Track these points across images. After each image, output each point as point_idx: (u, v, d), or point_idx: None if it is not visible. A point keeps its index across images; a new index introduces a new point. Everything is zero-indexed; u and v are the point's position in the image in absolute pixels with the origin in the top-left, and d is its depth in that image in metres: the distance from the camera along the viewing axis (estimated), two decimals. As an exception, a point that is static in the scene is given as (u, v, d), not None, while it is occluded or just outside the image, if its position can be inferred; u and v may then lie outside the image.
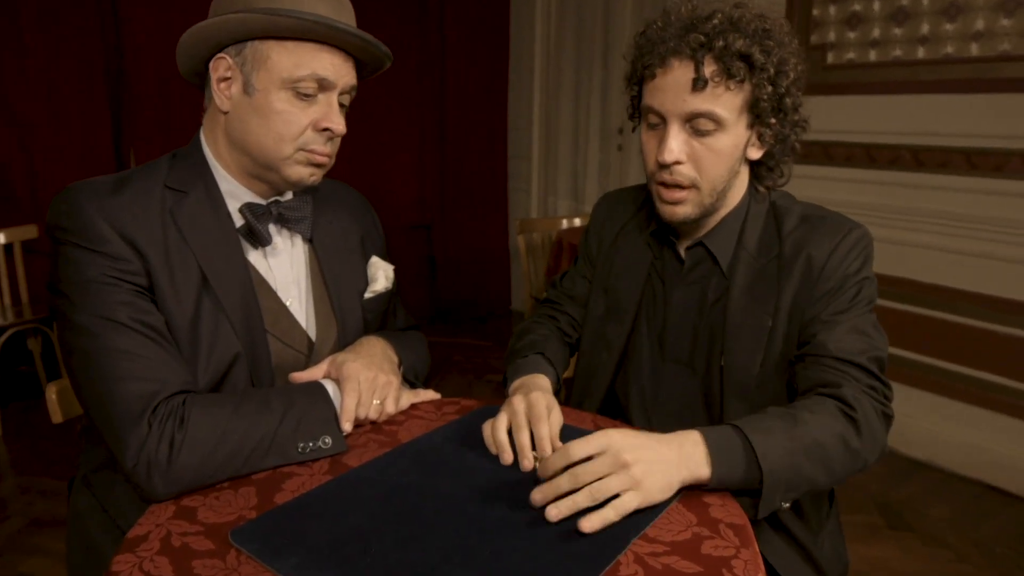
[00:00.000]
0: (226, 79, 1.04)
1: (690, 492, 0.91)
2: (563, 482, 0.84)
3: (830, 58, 2.95)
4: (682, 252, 1.18)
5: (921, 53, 2.70)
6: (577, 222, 3.67)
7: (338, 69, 1.04)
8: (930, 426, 2.73)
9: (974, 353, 2.63)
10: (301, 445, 0.98)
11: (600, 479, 0.83)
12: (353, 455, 1.01)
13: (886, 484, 2.59)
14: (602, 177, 4.18)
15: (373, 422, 1.11)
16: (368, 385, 1.08)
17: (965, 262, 2.63)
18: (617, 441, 0.85)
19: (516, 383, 1.14)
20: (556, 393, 1.16)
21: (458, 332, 4.29)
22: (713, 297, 1.15)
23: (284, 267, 1.13)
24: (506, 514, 0.85)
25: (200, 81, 1.10)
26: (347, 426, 1.03)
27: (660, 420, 1.21)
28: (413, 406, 1.18)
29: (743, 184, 1.15)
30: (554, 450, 0.93)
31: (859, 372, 1.02)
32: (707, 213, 1.12)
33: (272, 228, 1.11)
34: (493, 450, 1.00)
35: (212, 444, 0.91)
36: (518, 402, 1.02)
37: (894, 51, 2.77)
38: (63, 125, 3.38)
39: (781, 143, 1.10)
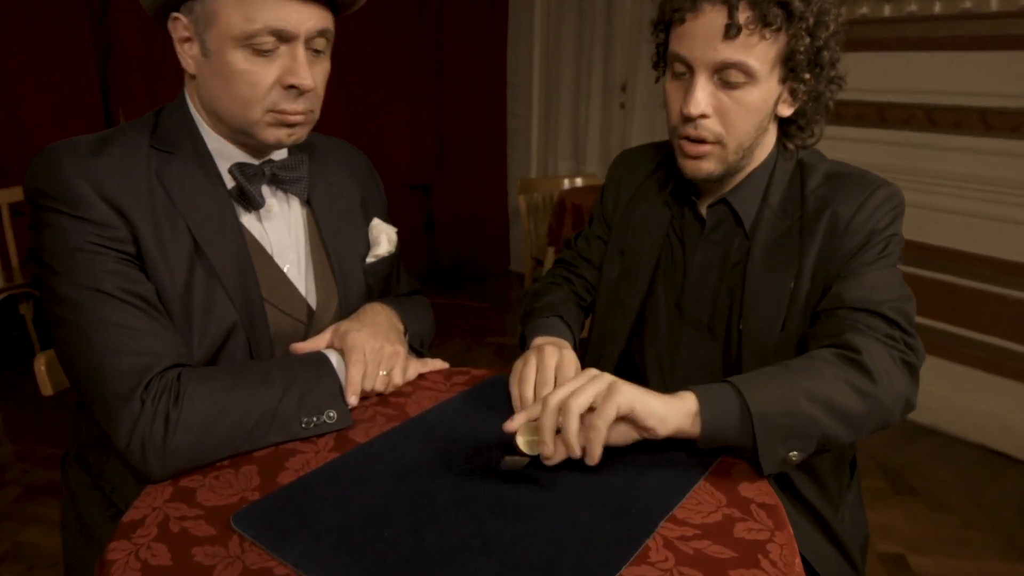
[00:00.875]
0: (187, 39, 0.95)
1: (717, 470, 0.87)
2: (535, 411, 0.84)
3: (842, 12, 2.84)
4: (703, 211, 1.12)
5: (938, 8, 2.60)
6: (579, 182, 3.60)
7: (297, 15, 0.91)
8: (934, 390, 2.70)
9: (980, 317, 2.59)
10: (305, 420, 0.92)
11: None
12: (359, 430, 0.96)
13: (890, 448, 2.57)
14: (604, 136, 4.09)
15: (380, 394, 1.05)
16: (374, 356, 1.02)
17: (975, 224, 2.58)
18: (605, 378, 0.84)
19: (539, 340, 1.11)
20: None
21: (457, 294, 4.23)
22: (735, 258, 1.09)
23: (281, 231, 1.06)
24: (526, 494, 0.81)
25: None
26: (353, 399, 0.97)
27: (678, 386, 1.15)
28: (421, 376, 1.13)
29: (771, 141, 1.08)
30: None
31: (874, 319, 0.95)
32: (731, 171, 1.06)
33: (266, 190, 1.04)
34: (518, 405, 0.98)
35: (210, 421, 0.85)
36: (550, 355, 1.00)
37: (909, 6, 2.67)
38: (49, 84, 3.25)
39: (815, 100, 1.03)
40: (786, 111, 1.04)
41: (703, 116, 1.00)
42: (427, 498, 0.80)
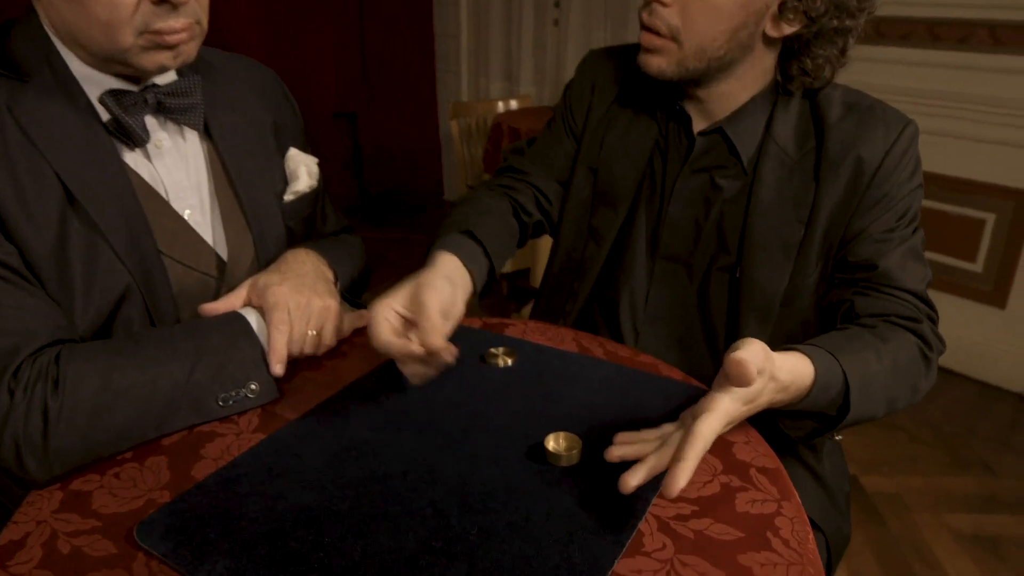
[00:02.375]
0: None
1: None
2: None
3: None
4: (695, 131, 0.98)
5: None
6: (513, 104, 3.41)
7: None
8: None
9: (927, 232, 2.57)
10: (222, 396, 0.77)
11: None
12: (288, 403, 0.81)
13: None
14: (538, 56, 3.87)
15: (310, 358, 0.91)
16: (300, 313, 0.87)
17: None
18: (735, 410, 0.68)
19: (427, 267, 0.90)
20: (487, 286, 0.95)
21: (389, 227, 4.03)
22: (729, 192, 0.96)
23: (176, 171, 0.88)
24: (493, 476, 0.69)
25: None
26: (278, 368, 0.82)
27: (648, 327, 1.05)
28: (358, 333, 0.98)
29: (763, 68, 0.93)
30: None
31: (924, 306, 0.91)
32: (693, 78, 0.92)
33: (152, 122, 0.85)
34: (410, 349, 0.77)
35: (101, 408, 0.70)
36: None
37: None
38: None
39: (819, 30, 0.87)
40: (776, 31, 0.88)
41: (659, 1, 0.86)
42: (376, 487, 0.67)
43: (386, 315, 0.79)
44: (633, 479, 0.63)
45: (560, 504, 0.65)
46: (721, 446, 0.74)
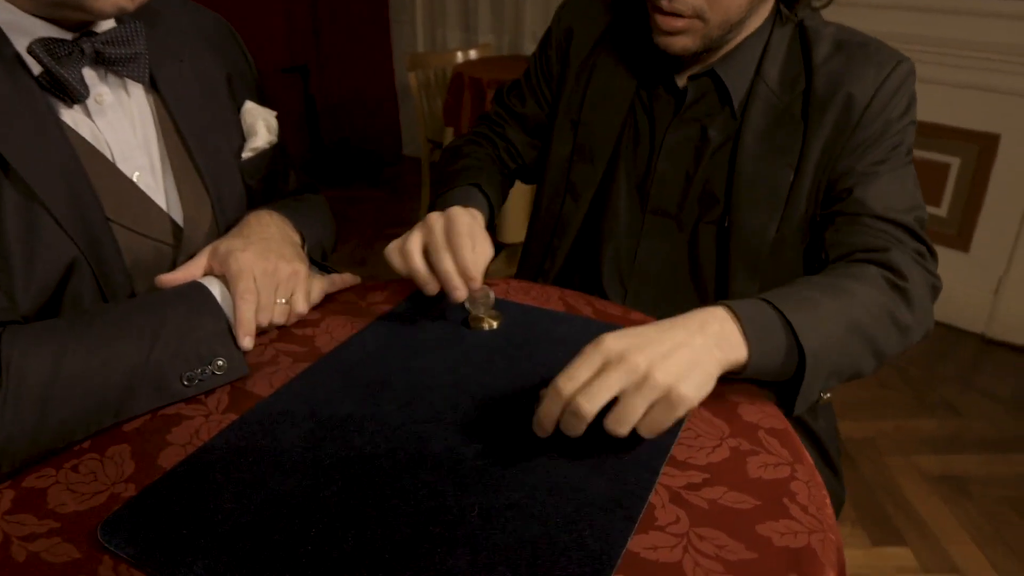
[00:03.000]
0: None
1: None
2: (569, 426, 0.61)
3: None
4: (681, 83, 0.93)
5: None
6: (473, 54, 3.29)
7: None
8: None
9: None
10: (186, 375, 0.71)
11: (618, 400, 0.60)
12: (260, 379, 0.75)
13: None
14: (495, 4, 3.74)
15: (280, 327, 0.84)
16: (267, 280, 0.80)
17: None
18: (616, 345, 0.60)
19: None
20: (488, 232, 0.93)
21: (347, 185, 3.91)
22: (718, 140, 0.92)
23: (122, 129, 0.79)
24: (488, 449, 0.64)
25: None
26: (246, 341, 0.76)
27: (637, 286, 1.01)
28: (329, 299, 0.92)
29: (767, 6, 0.89)
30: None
31: (905, 234, 0.84)
32: (715, 46, 0.88)
33: (91, 74, 0.76)
34: (404, 272, 0.82)
35: (51, 396, 0.63)
36: (435, 219, 0.82)
37: None
38: None
39: None
40: None
41: None
42: (362, 467, 0.61)
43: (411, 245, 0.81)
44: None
45: (562, 477, 0.60)
46: (726, 407, 0.70)
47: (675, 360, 0.60)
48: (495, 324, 0.84)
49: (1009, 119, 2.25)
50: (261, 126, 0.94)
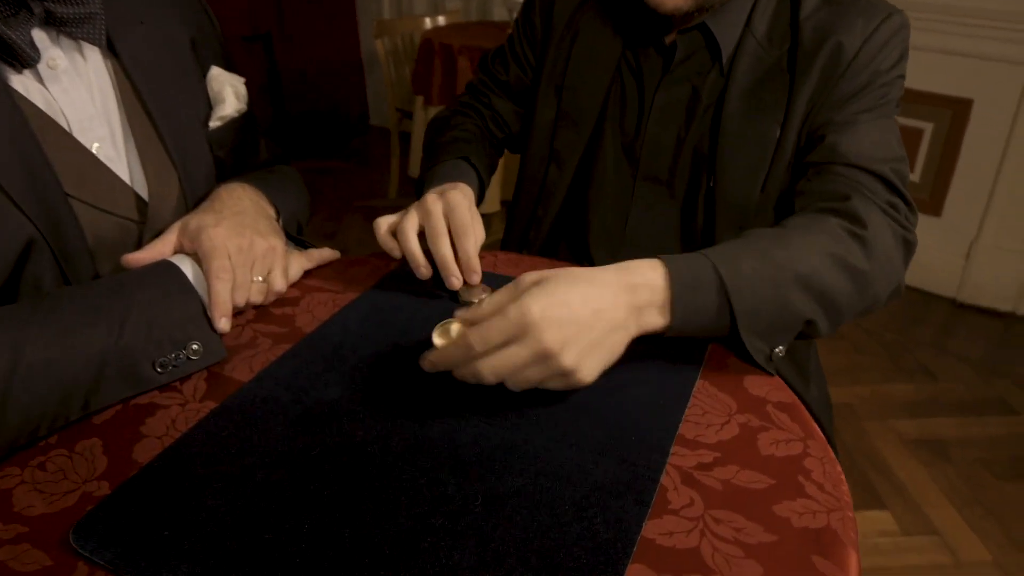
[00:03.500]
0: None
1: (712, 363, 0.70)
2: (462, 377, 0.63)
3: None
4: (669, 40, 0.89)
5: None
6: (441, 20, 3.20)
7: None
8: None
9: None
10: (159, 361, 0.66)
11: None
12: (238, 363, 0.70)
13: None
14: (462, -35, 3.64)
15: (258, 307, 0.80)
16: (243, 257, 0.75)
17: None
18: (536, 317, 0.57)
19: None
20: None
21: (314, 156, 3.81)
22: (708, 100, 0.88)
23: (78, 96, 0.73)
24: (486, 433, 0.60)
25: None
26: (223, 323, 0.71)
27: (627, 254, 0.96)
28: (308, 275, 0.87)
29: None
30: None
31: (876, 183, 0.79)
32: (707, 5, 0.84)
33: (42, 36, 0.70)
34: (396, 253, 0.81)
35: (12, 389, 0.57)
36: (432, 201, 0.79)
37: None
38: None
39: None
40: None
41: None
42: (355, 456, 0.58)
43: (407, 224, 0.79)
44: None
45: (568, 461, 0.57)
46: (731, 381, 0.68)
47: (596, 356, 0.61)
48: (485, 298, 0.79)
49: (982, 84, 2.25)
50: (229, 93, 0.88)
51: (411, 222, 0.79)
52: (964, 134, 2.32)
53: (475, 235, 0.78)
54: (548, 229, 1.03)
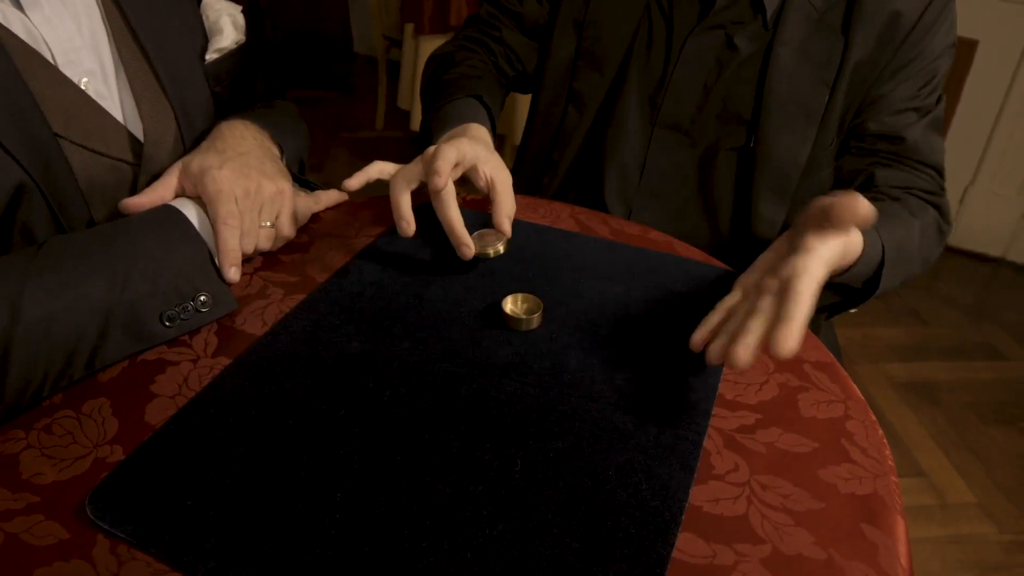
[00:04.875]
0: None
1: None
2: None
3: None
4: None
5: None
6: (429, -58, 3.04)
7: None
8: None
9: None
10: (166, 314, 0.62)
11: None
12: (250, 316, 0.67)
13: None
14: None
15: (265, 253, 0.75)
16: (250, 201, 0.71)
17: None
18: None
19: (449, 136, 0.80)
20: None
21: (295, 84, 3.67)
22: (747, 51, 0.83)
23: (64, 27, 0.66)
24: (519, 392, 0.58)
25: None
26: (232, 272, 0.67)
27: (641, 202, 0.94)
28: (314, 219, 0.83)
29: None
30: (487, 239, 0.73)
31: (942, 179, 0.87)
32: None
33: None
34: (404, 228, 0.70)
35: (11, 347, 0.53)
36: (441, 156, 0.69)
37: None
38: None
39: None
40: None
41: None
42: (384, 418, 0.55)
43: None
44: (744, 354, 0.51)
45: (607, 422, 0.55)
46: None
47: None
48: (501, 249, 0.75)
49: (988, 24, 2.19)
50: (227, 22, 0.81)
51: (407, 176, 0.72)
52: (967, 77, 2.27)
53: (511, 204, 0.74)
54: (563, 176, 0.98)
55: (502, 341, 0.63)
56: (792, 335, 0.49)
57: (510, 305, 0.66)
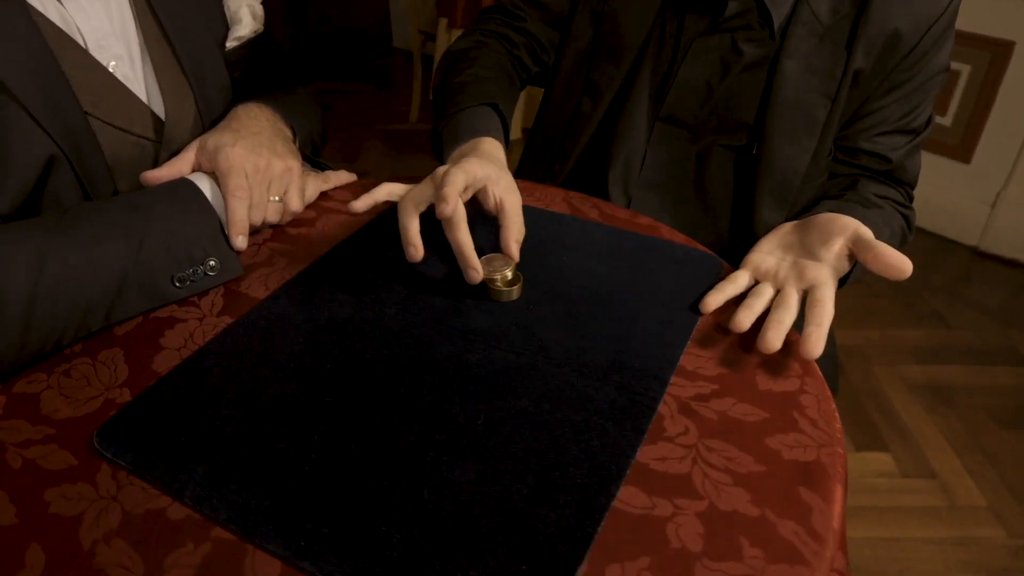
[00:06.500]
0: None
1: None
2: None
3: None
4: None
5: None
6: (466, -61, 3.09)
7: None
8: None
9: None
10: (177, 276, 0.68)
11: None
12: (254, 281, 0.72)
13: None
14: None
15: (274, 226, 0.81)
16: (260, 178, 0.76)
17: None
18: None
19: (459, 152, 0.79)
20: None
21: (333, 76, 3.76)
22: (752, 57, 0.86)
23: (95, 15, 0.73)
24: (493, 356, 0.62)
25: None
26: (240, 240, 0.73)
27: (641, 192, 0.97)
28: (324, 196, 0.88)
29: None
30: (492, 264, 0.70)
31: (912, 194, 0.95)
32: None
33: None
34: (412, 255, 0.68)
35: (34, 300, 0.59)
36: (450, 181, 0.66)
37: None
38: None
39: None
40: None
41: None
42: (365, 374, 0.60)
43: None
44: (777, 341, 0.63)
45: (570, 386, 0.59)
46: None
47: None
48: (509, 275, 0.70)
49: (1025, 24, 2.16)
50: (245, 13, 0.87)
51: (415, 199, 0.69)
52: (1003, 79, 2.24)
53: (520, 227, 0.72)
54: (574, 164, 1.01)
55: (483, 310, 0.68)
56: (822, 338, 0.62)
57: (485, 266, 0.69)
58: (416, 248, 0.67)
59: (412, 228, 0.67)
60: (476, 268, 0.68)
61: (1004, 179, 2.34)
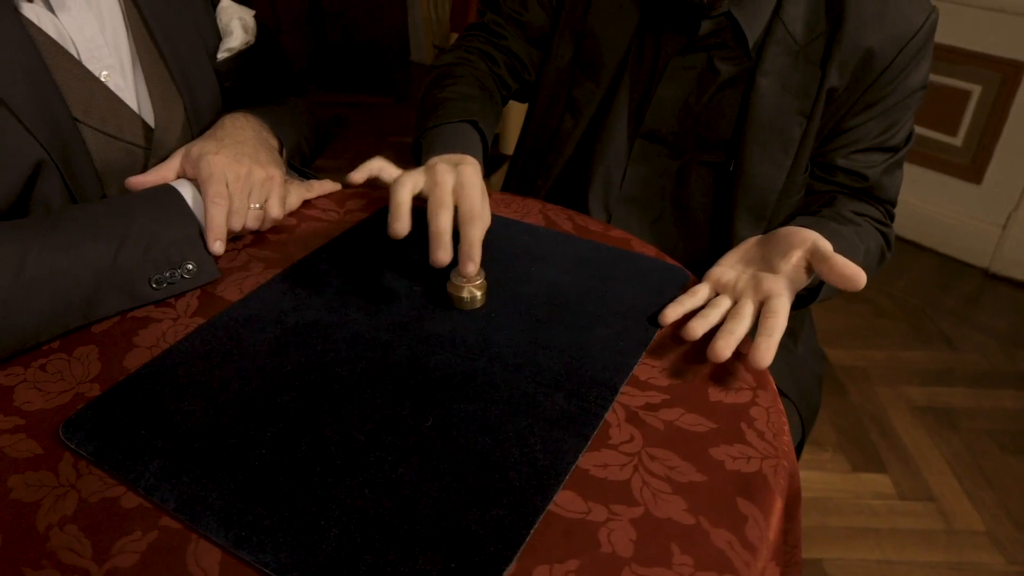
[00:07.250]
0: None
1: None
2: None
3: None
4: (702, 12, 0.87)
5: None
6: (483, -44, 3.14)
7: None
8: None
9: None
10: (155, 278, 0.71)
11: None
12: (230, 284, 0.75)
13: (807, 240, 2.55)
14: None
15: (254, 232, 0.84)
16: (240, 185, 0.79)
17: None
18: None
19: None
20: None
21: (351, 89, 3.82)
22: (727, 74, 0.87)
23: (88, 25, 0.76)
24: (449, 361, 0.64)
25: None
26: (216, 246, 0.75)
27: (621, 208, 0.98)
28: (307, 205, 0.91)
29: None
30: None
31: (893, 210, 0.95)
32: None
33: None
34: (397, 230, 0.66)
35: (15, 298, 0.62)
36: (444, 172, 0.69)
37: None
38: None
39: None
40: None
41: None
42: (323, 375, 0.62)
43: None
44: (727, 350, 0.64)
45: (521, 392, 0.61)
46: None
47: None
48: (479, 301, 0.72)
49: (1038, 45, 2.14)
50: (236, 25, 0.90)
51: (412, 178, 0.69)
52: (1013, 99, 2.22)
53: (483, 223, 0.69)
54: (556, 178, 1.03)
55: (445, 318, 0.69)
56: (771, 348, 0.62)
57: (452, 276, 0.70)
58: (403, 225, 0.65)
59: (405, 204, 0.66)
60: (447, 250, 0.65)
61: (1016, 200, 2.31)
